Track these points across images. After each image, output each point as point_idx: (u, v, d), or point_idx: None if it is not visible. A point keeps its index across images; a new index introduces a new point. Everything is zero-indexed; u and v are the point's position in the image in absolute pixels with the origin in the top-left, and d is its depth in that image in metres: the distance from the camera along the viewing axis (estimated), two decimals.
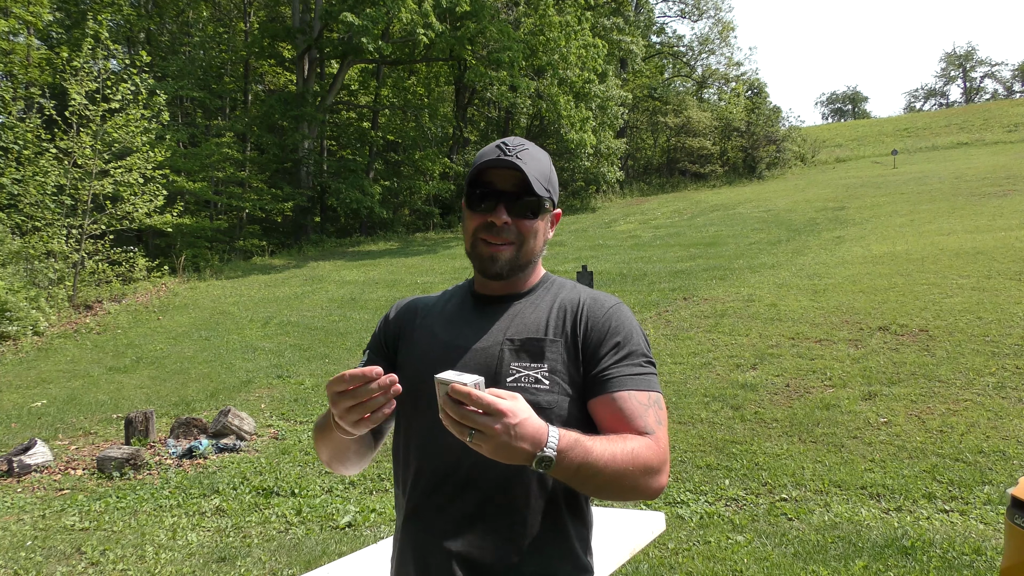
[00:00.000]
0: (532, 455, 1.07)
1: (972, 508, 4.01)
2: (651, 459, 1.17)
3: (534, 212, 1.32)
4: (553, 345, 1.29)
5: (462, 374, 1.08)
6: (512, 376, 1.26)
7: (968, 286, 8.32)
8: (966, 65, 69.09)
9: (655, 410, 1.24)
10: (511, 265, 1.33)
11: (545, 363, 1.27)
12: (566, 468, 1.10)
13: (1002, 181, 17.52)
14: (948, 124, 37.24)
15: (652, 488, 1.18)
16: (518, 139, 1.35)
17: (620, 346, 1.28)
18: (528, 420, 1.06)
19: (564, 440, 1.09)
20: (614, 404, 1.23)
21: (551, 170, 1.37)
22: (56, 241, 13.04)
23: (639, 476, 1.16)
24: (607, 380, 1.25)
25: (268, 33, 24.75)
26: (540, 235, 1.35)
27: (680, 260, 13.20)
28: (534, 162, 1.32)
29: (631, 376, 1.25)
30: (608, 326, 1.30)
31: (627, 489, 1.16)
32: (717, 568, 3.55)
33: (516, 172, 1.28)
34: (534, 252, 1.35)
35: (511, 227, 1.31)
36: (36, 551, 4.22)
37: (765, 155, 29.69)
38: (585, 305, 1.33)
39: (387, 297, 12.85)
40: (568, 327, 1.30)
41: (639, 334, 1.32)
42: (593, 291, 1.38)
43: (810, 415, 5.51)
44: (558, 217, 1.42)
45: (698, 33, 55.07)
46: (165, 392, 8.12)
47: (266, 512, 4.68)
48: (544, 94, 22.78)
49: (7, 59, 17.29)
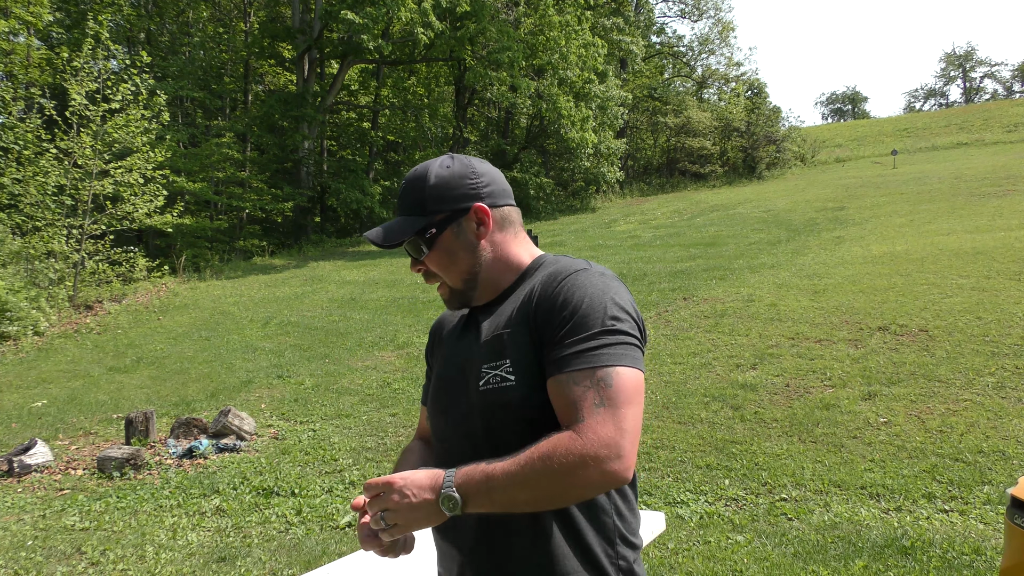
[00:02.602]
0: (437, 502, 1.07)
1: (972, 508, 4.02)
2: (568, 457, 1.03)
3: (417, 251, 1.27)
4: (513, 335, 1.20)
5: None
6: (483, 380, 1.21)
7: (968, 286, 8.33)
8: (966, 65, 69.11)
9: (597, 390, 1.08)
10: (458, 297, 1.30)
11: (507, 358, 1.19)
12: (477, 499, 1.06)
13: (1002, 181, 17.52)
14: (948, 124, 37.25)
15: (587, 484, 1.04)
16: (404, 180, 1.31)
17: (566, 320, 1.14)
18: (414, 475, 1.09)
19: (460, 474, 1.08)
20: (555, 390, 1.13)
21: (430, 183, 1.25)
22: (56, 241, 13.04)
23: (562, 478, 1.04)
24: (553, 362, 1.14)
25: (268, 33, 24.76)
26: (455, 254, 1.26)
27: (680, 260, 13.20)
28: (405, 200, 1.28)
29: (574, 354, 1.11)
30: (557, 299, 1.16)
31: (556, 497, 1.07)
32: (717, 568, 3.55)
33: (381, 242, 1.27)
34: (466, 270, 1.27)
35: (427, 271, 1.30)
36: (36, 551, 4.22)
37: (765, 155, 29.69)
38: (541, 282, 1.22)
39: (387, 297, 12.85)
40: (528, 312, 1.20)
41: (600, 301, 1.15)
42: (561, 262, 1.26)
43: (810, 415, 5.52)
44: (479, 210, 1.26)
45: (698, 33, 55.10)
46: (165, 392, 8.12)
47: (266, 512, 4.68)
48: (544, 94, 22.78)
49: (7, 59, 17.29)
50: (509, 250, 1.30)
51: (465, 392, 1.25)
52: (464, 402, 1.25)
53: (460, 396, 1.26)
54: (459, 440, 1.26)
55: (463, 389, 1.26)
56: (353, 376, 8.09)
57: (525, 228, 1.37)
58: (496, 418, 1.20)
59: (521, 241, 1.32)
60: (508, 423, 1.19)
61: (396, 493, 1.08)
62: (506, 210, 1.31)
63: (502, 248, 1.29)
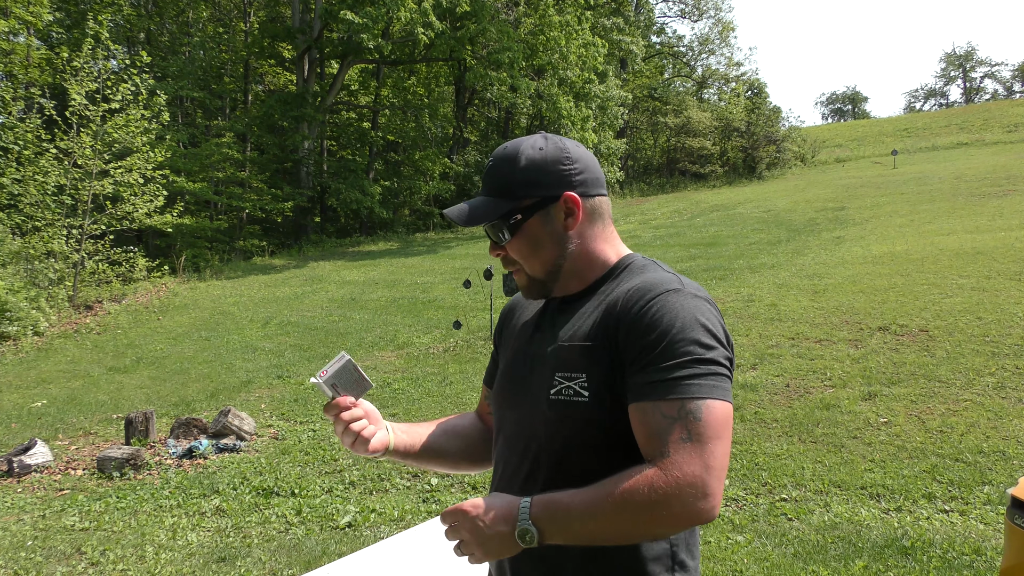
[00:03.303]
0: (512, 535, 1.03)
1: (972, 508, 4.01)
2: (652, 494, 0.98)
3: (499, 235, 1.21)
4: (593, 350, 1.13)
5: (329, 365, 1.23)
6: (555, 388, 1.15)
7: (968, 286, 8.32)
8: (966, 65, 69.11)
9: (684, 424, 1.02)
10: (537, 287, 1.24)
11: (583, 372, 1.13)
12: (555, 532, 1.02)
13: (1002, 181, 17.52)
14: (948, 124, 37.26)
15: (670, 522, 1.00)
16: (492, 157, 1.24)
17: (653, 344, 1.06)
18: (491, 504, 1.05)
19: (537, 505, 1.03)
20: (638, 418, 1.07)
21: (520, 165, 1.19)
22: (56, 241, 13.04)
23: (644, 516, 0.99)
24: (636, 387, 1.07)
25: (268, 33, 24.76)
26: (540, 243, 1.20)
27: (680, 260, 13.20)
28: (492, 180, 1.21)
29: (661, 382, 1.04)
30: (644, 320, 1.09)
31: (637, 534, 1.04)
32: (717, 568, 3.55)
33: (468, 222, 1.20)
34: (550, 261, 1.21)
35: (506, 256, 1.24)
36: (36, 551, 4.22)
37: (765, 155, 29.70)
38: (629, 296, 1.14)
39: (387, 297, 12.85)
40: (611, 327, 1.13)
41: (689, 325, 1.07)
42: (653, 275, 1.17)
43: (810, 415, 5.51)
44: (569, 199, 1.19)
45: (698, 33, 55.11)
46: (165, 392, 8.12)
47: (266, 512, 4.68)
48: (544, 94, 22.79)
49: (7, 59, 17.30)
50: (597, 245, 1.23)
51: (533, 393, 1.20)
52: (530, 403, 1.20)
53: (526, 396, 1.21)
54: (520, 439, 1.22)
55: (530, 389, 1.21)
56: None
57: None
58: (561, 429, 1.15)
59: (609, 235, 1.26)
60: (572, 437, 1.15)
61: (469, 523, 1.04)
62: (597, 200, 1.23)
63: (590, 242, 1.22)
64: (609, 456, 1.11)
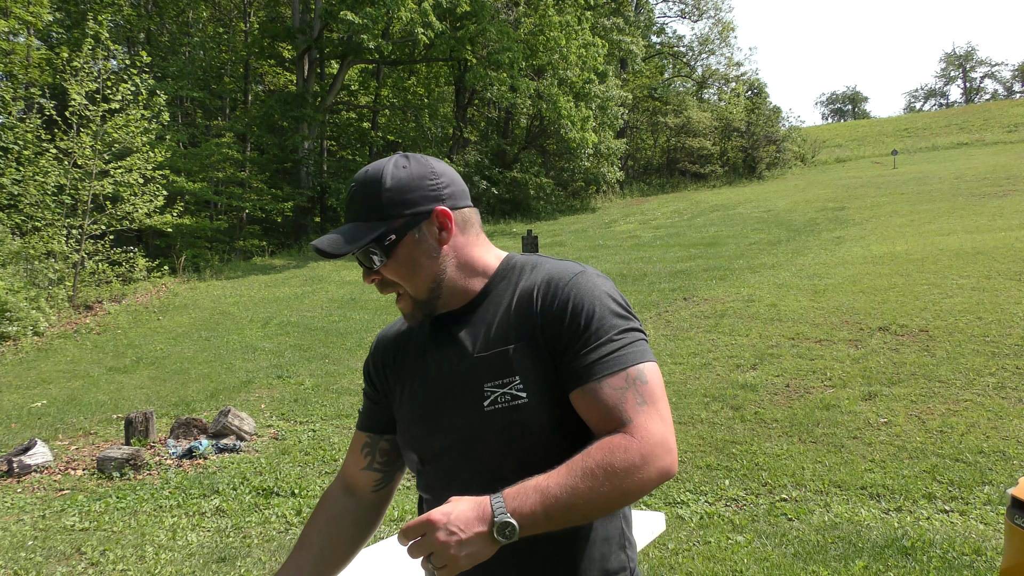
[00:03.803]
0: (490, 532, 0.98)
1: (972, 508, 4.01)
2: (628, 457, 1.02)
3: (374, 260, 1.16)
4: (519, 351, 1.14)
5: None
6: (488, 399, 1.15)
7: (968, 286, 8.32)
8: (966, 65, 69.11)
9: (635, 390, 1.08)
10: (422, 308, 1.21)
11: (516, 375, 1.14)
12: (534, 520, 1.00)
13: (1002, 181, 17.52)
14: (948, 124, 37.25)
15: (647, 482, 1.03)
16: (354, 181, 1.20)
17: (582, 328, 1.11)
18: (459, 508, 1.00)
19: (509, 496, 1.00)
20: (586, 399, 1.10)
21: (389, 186, 1.16)
22: (56, 241, 13.04)
23: (622, 482, 1.02)
24: (576, 373, 1.10)
25: (268, 33, 24.75)
26: (418, 262, 1.17)
27: (680, 260, 13.20)
28: (359, 205, 1.17)
29: (600, 360, 1.09)
30: (567, 308, 1.13)
31: (617, 500, 1.03)
32: (717, 568, 3.55)
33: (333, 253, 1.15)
34: (431, 278, 1.18)
35: (383, 280, 1.20)
36: (36, 551, 4.22)
37: (765, 155, 29.70)
38: (540, 291, 1.16)
39: (387, 297, 12.80)
40: (530, 322, 1.15)
41: (605, 303, 1.14)
42: (552, 267, 1.20)
43: (810, 415, 5.51)
44: (441, 214, 1.17)
45: (698, 33, 55.14)
46: (165, 392, 8.12)
47: (266, 512, 4.68)
48: (544, 94, 22.80)
49: (7, 59, 17.29)
50: (473, 253, 1.23)
51: (463, 414, 1.18)
52: (463, 425, 1.18)
53: (457, 418, 1.19)
54: (464, 463, 1.19)
55: (459, 410, 1.18)
56: (353, 376, 8.08)
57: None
58: (509, 437, 1.14)
59: (483, 243, 1.25)
60: (522, 440, 1.14)
61: (441, 532, 0.97)
62: (466, 212, 1.22)
63: (466, 252, 1.21)
64: (562, 446, 1.11)
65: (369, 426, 1.36)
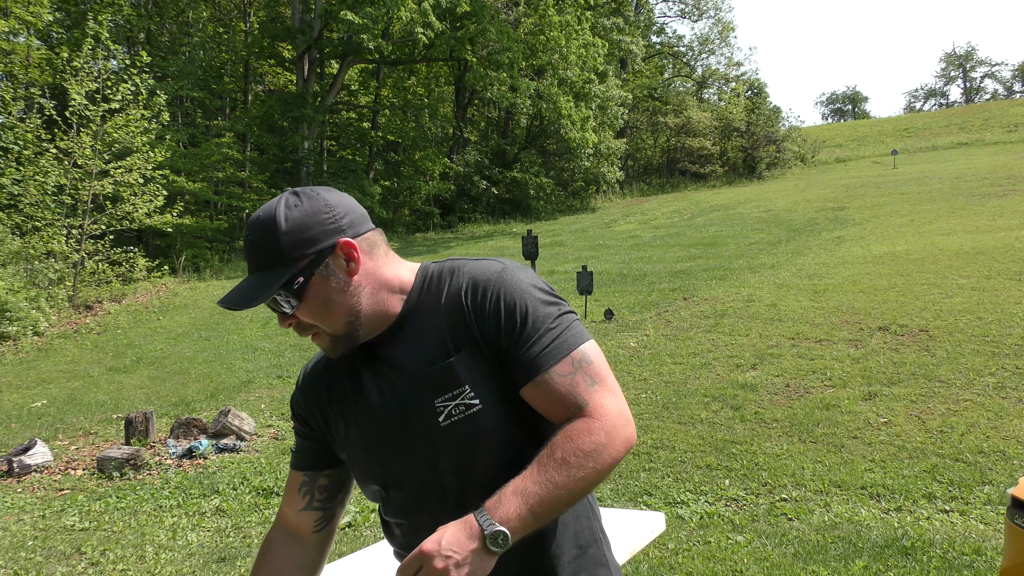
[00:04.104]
0: (484, 546, 0.99)
1: (972, 508, 4.01)
2: (594, 438, 1.06)
3: (286, 306, 1.12)
4: (462, 359, 1.14)
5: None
6: (441, 415, 1.14)
7: (968, 286, 8.32)
8: (966, 65, 69.10)
9: (583, 372, 1.11)
10: (343, 342, 1.18)
11: (464, 385, 1.13)
12: (522, 523, 1.01)
13: (1002, 181, 17.52)
14: (948, 124, 37.25)
15: (616, 456, 1.07)
16: (248, 230, 1.15)
17: (519, 325, 1.12)
18: (446, 532, 1.00)
19: (493, 507, 1.01)
20: (540, 392, 1.11)
21: (286, 229, 1.10)
22: (56, 241, 13.05)
23: (595, 462, 1.05)
24: (523, 369, 1.11)
25: (268, 33, 24.75)
26: (330, 299, 1.13)
27: (680, 260, 13.21)
28: (259, 253, 1.11)
29: (543, 352, 1.11)
30: (499, 309, 1.13)
31: (594, 480, 1.06)
32: (717, 568, 3.55)
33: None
34: (347, 312, 1.14)
35: (299, 323, 1.16)
36: (36, 551, 4.22)
37: (765, 155, 29.70)
38: (468, 296, 1.15)
39: None
40: (465, 328, 1.14)
41: (534, 295, 1.14)
42: (473, 269, 1.19)
43: (810, 415, 5.51)
44: (345, 246, 1.13)
45: (698, 33, 55.11)
46: (165, 392, 8.12)
47: (266, 512, 4.68)
48: (544, 94, 22.80)
49: (7, 59, 17.30)
50: (386, 275, 1.19)
51: (417, 435, 1.16)
52: (419, 448, 1.16)
53: (410, 442, 1.17)
54: (429, 489, 1.18)
55: (412, 433, 1.17)
56: None
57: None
58: (467, 450, 1.14)
59: (392, 261, 1.22)
60: (479, 450, 1.14)
61: (437, 560, 0.97)
62: (369, 235, 1.18)
63: (378, 275, 1.18)
64: (523, 443, 1.13)
65: (305, 464, 1.32)
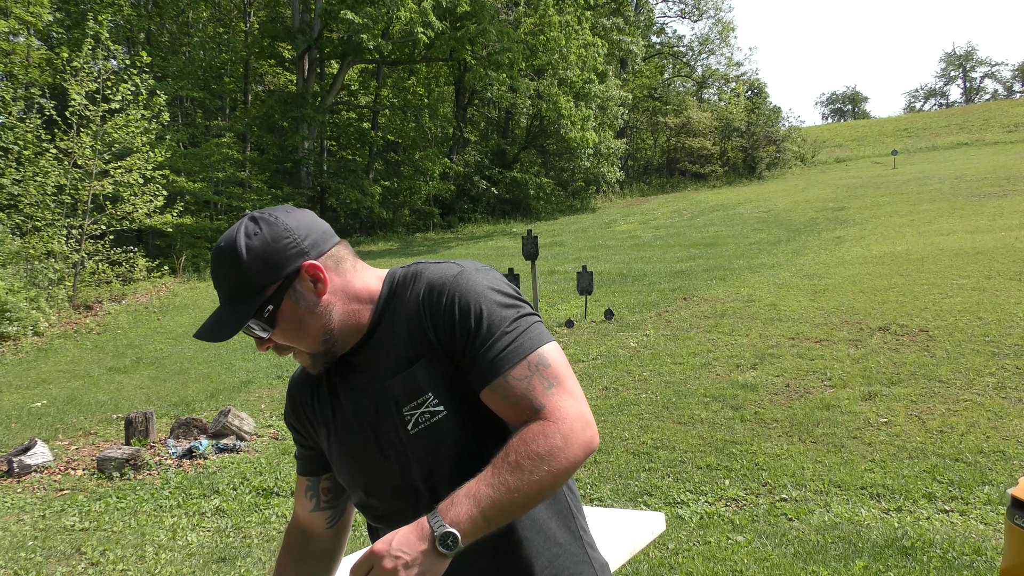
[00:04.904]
0: (434, 547, 0.99)
1: (972, 508, 4.01)
2: (549, 442, 1.04)
3: (261, 331, 1.14)
4: (423, 366, 1.15)
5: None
6: (409, 422, 1.15)
7: (968, 286, 8.32)
8: (966, 65, 69.10)
9: (540, 375, 1.10)
10: (321, 359, 1.20)
11: (427, 392, 1.14)
12: (474, 526, 1.00)
13: (1002, 181, 17.52)
14: (948, 124, 37.25)
15: (573, 460, 1.05)
16: (213, 260, 1.15)
17: (473, 329, 1.11)
18: (398, 534, 1.00)
19: (444, 509, 1.01)
20: (496, 396, 1.10)
21: (248, 259, 1.11)
22: (56, 241, 13.05)
23: (550, 466, 1.03)
24: (479, 373, 1.11)
25: (268, 33, 24.75)
26: (302, 321, 1.15)
27: (680, 260, 13.20)
28: (226, 284, 1.13)
29: (498, 356, 1.10)
30: (453, 313, 1.12)
31: (550, 484, 1.05)
32: (717, 568, 3.55)
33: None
34: (320, 331, 1.16)
35: (277, 345, 1.18)
36: (36, 551, 4.22)
37: (765, 155, 29.70)
38: (424, 301, 1.16)
39: None
40: (423, 335, 1.15)
41: (490, 297, 1.13)
42: (431, 273, 1.19)
43: (810, 415, 5.51)
44: (310, 268, 1.13)
45: (698, 33, 55.14)
46: (165, 392, 8.12)
47: (266, 512, 4.68)
48: (544, 94, 22.80)
49: (7, 59, 17.30)
50: (355, 287, 1.20)
51: (389, 443, 1.18)
52: (392, 455, 1.19)
53: (383, 450, 1.19)
54: (404, 495, 1.20)
55: (384, 441, 1.19)
56: None
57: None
58: (434, 457, 1.15)
59: (360, 271, 1.22)
60: (445, 456, 1.15)
61: (387, 560, 0.98)
62: (333, 252, 1.18)
63: (347, 290, 1.18)
64: (488, 446, 1.12)
65: (307, 470, 1.36)
